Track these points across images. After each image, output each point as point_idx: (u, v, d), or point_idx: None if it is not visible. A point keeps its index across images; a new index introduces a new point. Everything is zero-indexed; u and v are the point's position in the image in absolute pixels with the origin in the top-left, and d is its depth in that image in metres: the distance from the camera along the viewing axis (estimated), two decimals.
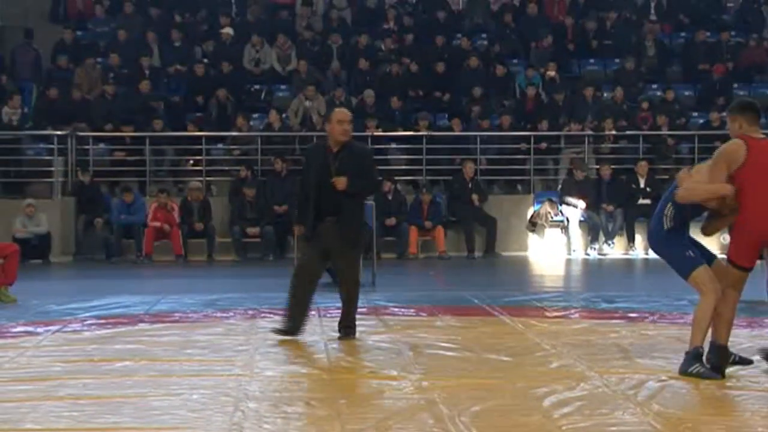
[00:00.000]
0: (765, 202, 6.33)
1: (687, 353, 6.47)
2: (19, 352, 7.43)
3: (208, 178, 16.48)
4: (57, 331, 8.39)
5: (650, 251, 7.05)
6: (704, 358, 6.46)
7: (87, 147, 16.54)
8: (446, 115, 17.67)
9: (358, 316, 8.81)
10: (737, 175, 6.34)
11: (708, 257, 6.58)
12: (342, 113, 7.84)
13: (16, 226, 14.85)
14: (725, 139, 6.48)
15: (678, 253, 6.53)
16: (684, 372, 6.42)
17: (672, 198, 6.52)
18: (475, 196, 15.82)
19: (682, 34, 19.74)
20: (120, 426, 5.38)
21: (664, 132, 16.87)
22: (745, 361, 6.67)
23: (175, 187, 16.55)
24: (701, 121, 17.59)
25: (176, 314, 9.27)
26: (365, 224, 8.47)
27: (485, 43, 19.20)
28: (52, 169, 15.90)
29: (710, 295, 6.38)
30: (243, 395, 5.98)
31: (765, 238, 6.39)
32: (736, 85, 18.42)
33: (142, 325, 8.70)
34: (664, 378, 6.38)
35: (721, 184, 6.35)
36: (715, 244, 15.64)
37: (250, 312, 9.39)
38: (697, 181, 6.44)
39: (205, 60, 18.38)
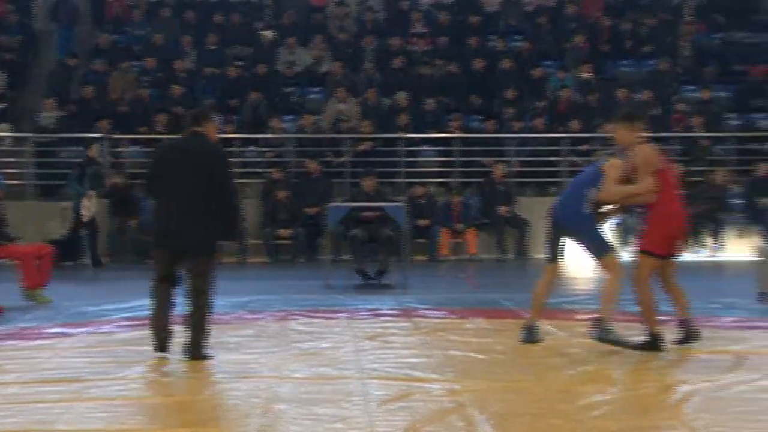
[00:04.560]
0: (676, 202, 7.39)
1: (599, 321, 7.36)
2: (53, 353, 7.49)
3: (240, 180, 16.54)
4: (90, 332, 8.46)
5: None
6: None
7: (122, 149, 16.67)
8: (479, 117, 17.64)
9: (390, 318, 8.77)
10: (656, 176, 7.30)
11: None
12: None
13: (50, 228, 14.99)
14: (762, 141, 7.27)
15: (598, 237, 7.53)
16: (598, 337, 7.33)
17: (594, 184, 7.40)
18: (504, 208, 15.71)
19: (719, 34, 19.59)
20: (152, 427, 5.41)
21: (698, 133, 16.74)
22: (624, 343, 7.36)
23: None
24: (737, 122, 17.46)
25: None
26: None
27: (519, 44, 19.15)
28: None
29: (618, 275, 7.39)
30: (273, 396, 6.00)
31: (677, 231, 7.38)
32: None
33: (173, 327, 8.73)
34: (696, 382, 6.34)
35: (640, 185, 7.27)
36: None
37: (281, 314, 9.42)
38: (611, 179, 7.35)
39: (240, 62, 18.47)
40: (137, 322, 8.84)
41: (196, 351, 7.07)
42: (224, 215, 7.13)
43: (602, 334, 7.40)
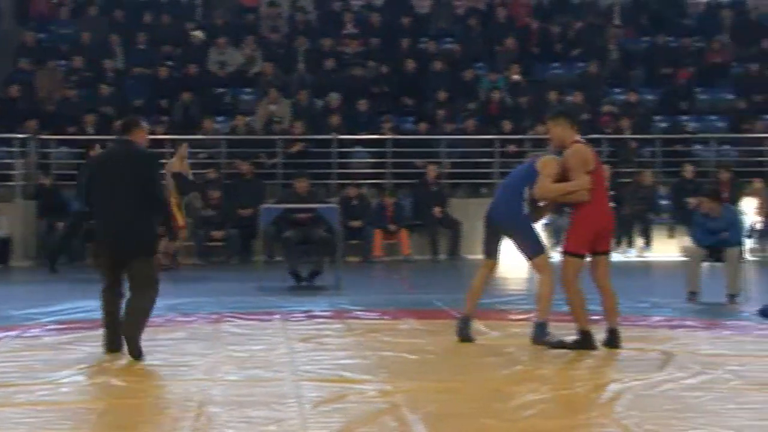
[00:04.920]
0: (602, 202, 7.47)
1: (538, 324, 7.51)
2: None
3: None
4: (16, 336, 8.30)
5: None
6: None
7: (49, 150, 16.40)
8: (411, 119, 17.71)
9: (323, 319, 8.82)
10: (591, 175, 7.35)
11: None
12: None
13: None
14: (688, 142, 7.10)
15: (533, 236, 7.65)
16: (538, 340, 7.45)
17: (529, 182, 7.48)
18: (437, 209, 15.77)
19: (645, 38, 19.91)
20: None
21: (627, 135, 16.99)
22: (562, 344, 7.49)
23: None
24: (664, 124, 17.75)
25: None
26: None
27: (450, 46, 19.26)
28: (13, 172, 15.76)
29: (550, 275, 7.52)
30: (206, 399, 5.95)
31: (599, 232, 7.45)
32: (698, 89, 18.62)
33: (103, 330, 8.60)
34: (626, 381, 6.42)
35: (574, 182, 7.34)
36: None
37: (213, 316, 9.34)
38: (547, 176, 7.41)
39: (170, 62, 18.29)
40: (65, 326, 8.71)
41: (135, 349, 7.25)
42: (157, 218, 7.44)
43: (542, 337, 7.49)
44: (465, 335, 7.83)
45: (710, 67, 18.98)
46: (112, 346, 7.43)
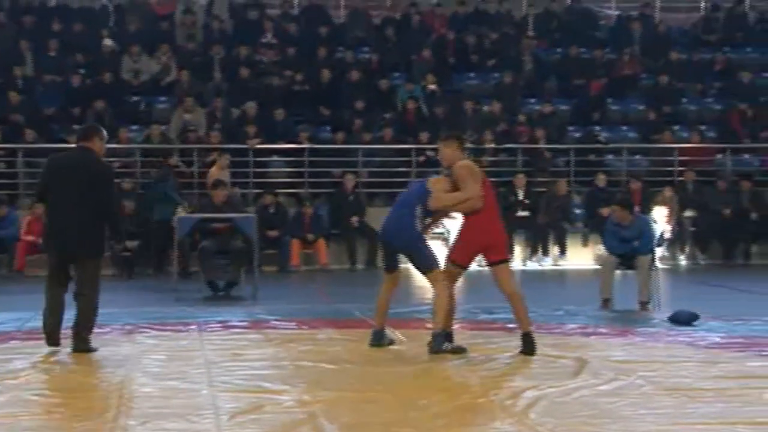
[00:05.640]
0: (487, 216, 7.74)
1: (436, 334, 7.69)
2: None
3: None
4: None
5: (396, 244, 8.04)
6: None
7: None
8: (328, 128, 17.71)
9: (240, 330, 8.78)
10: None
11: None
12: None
13: None
14: (601, 152, 7.23)
15: (428, 252, 7.89)
16: (437, 351, 7.61)
17: (421, 201, 7.81)
18: (354, 219, 15.80)
19: (558, 49, 20.23)
20: None
21: (542, 145, 17.22)
22: (459, 350, 7.73)
23: None
24: (577, 134, 18.04)
25: None
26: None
27: (367, 56, 19.31)
28: None
29: (444, 287, 7.75)
30: (121, 412, 5.87)
31: (485, 245, 7.75)
32: (609, 100, 18.96)
33: (13, 343, 8.44)
34: (542, 387, 6.50)
35: (466, 190, 7.67)
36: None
37: (128, 327, 9.21)
38: (440, 190, 7.80)
39: (82, 70, 18.01)
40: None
41: (83, 345, 7.84)
42: (106, 223, 7.98)
43: (440, 346, 7.66)
44: (378, 344, 8.05)
45: (621, 79, 19.35)
46: (50, 340, 7.88)
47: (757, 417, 5.79)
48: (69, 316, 8.02)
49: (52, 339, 7.90)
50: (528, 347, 7.70)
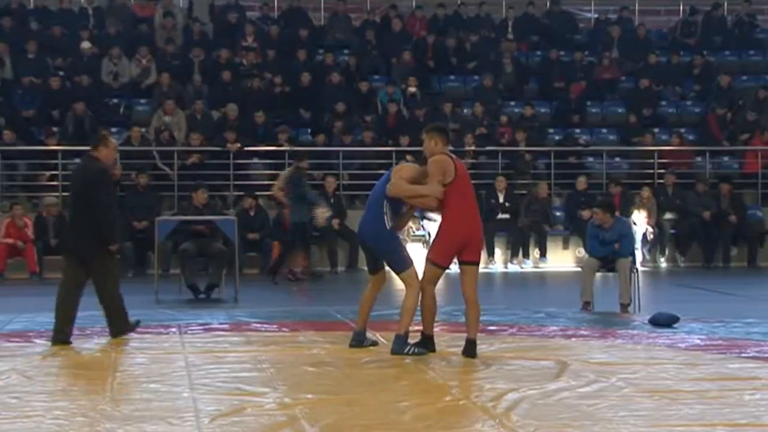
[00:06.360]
0: (466, 213, 7.63)
1: (398, 336, 7.68)
2: None
3: (64, 194, 16.03)
4: None
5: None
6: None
7: None
8: (309, 130, 17.69)
9: (221, 332, 8.76)
10: (447, 188, 7.58)
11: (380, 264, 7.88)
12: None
13: None
14: (581, 155, 7.15)
15: (399, 252, 7.80)
16: (398, 352, 7.60)
17: (385, 196, 7.64)
18: (334, 221, 15.77)
19: (538, 52, 20.28)
20: None
21: (522, 148, 17.26)
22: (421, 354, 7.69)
23: (29, 203, 16.08)
24: (557, 137, 18.09)
25: (30, 333, 8.99)
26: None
27: (347, 58, 19.32)
28: None
29: (416, 288, 7.71)
30: (100, 416, 5.84)
31: (463, 243, 7.62)
32: (589, 103, 19.03)
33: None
34: (523, 390, 6.52)
35: (427, 186, 7.57)
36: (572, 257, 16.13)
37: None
38: (401, 178, 7.63)
39: (61, 73, 17.92)
40: None
41: (120, 331, 8.56)
42: (98, 227, 8.42)
43: (402, 349, 7.67)
44: (358, 345, 8.04)
45: (601, 82, 19.43)
46: (57, 337, 8.27)
47: (737, 419, 5.82)
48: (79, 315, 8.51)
49: (60, 336, 8.28)
50: (470, 351, 7.67)
